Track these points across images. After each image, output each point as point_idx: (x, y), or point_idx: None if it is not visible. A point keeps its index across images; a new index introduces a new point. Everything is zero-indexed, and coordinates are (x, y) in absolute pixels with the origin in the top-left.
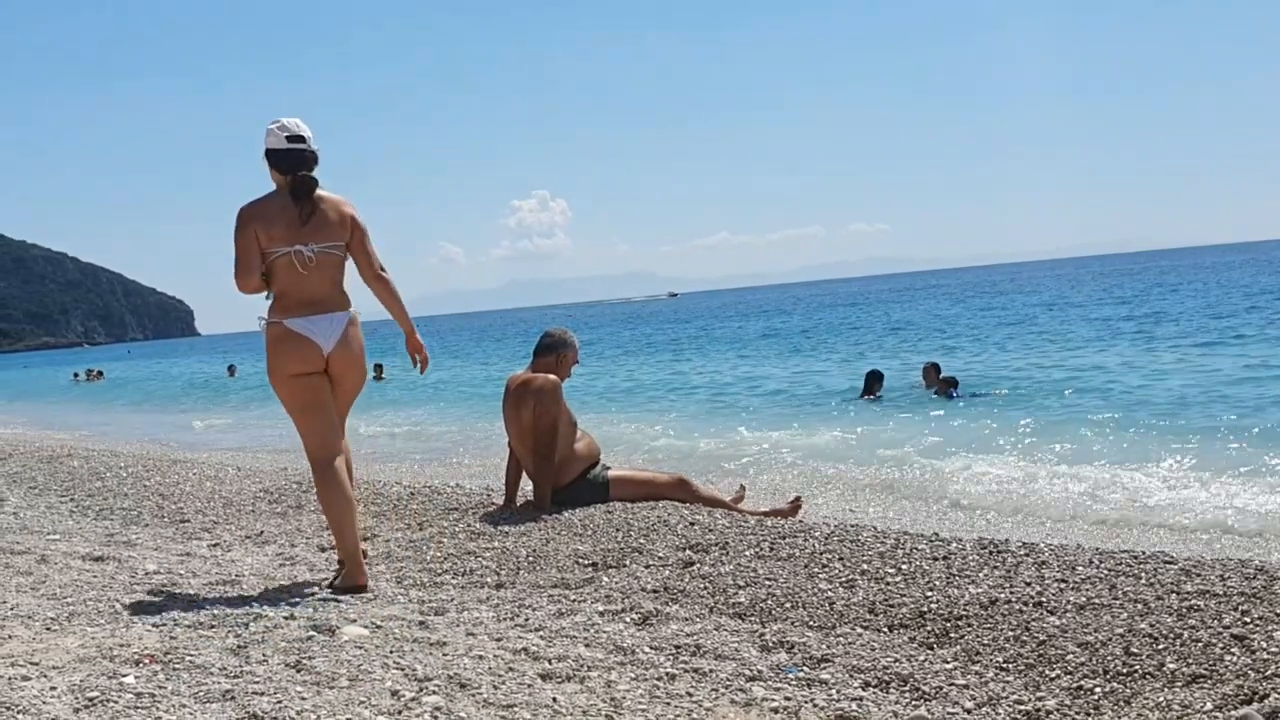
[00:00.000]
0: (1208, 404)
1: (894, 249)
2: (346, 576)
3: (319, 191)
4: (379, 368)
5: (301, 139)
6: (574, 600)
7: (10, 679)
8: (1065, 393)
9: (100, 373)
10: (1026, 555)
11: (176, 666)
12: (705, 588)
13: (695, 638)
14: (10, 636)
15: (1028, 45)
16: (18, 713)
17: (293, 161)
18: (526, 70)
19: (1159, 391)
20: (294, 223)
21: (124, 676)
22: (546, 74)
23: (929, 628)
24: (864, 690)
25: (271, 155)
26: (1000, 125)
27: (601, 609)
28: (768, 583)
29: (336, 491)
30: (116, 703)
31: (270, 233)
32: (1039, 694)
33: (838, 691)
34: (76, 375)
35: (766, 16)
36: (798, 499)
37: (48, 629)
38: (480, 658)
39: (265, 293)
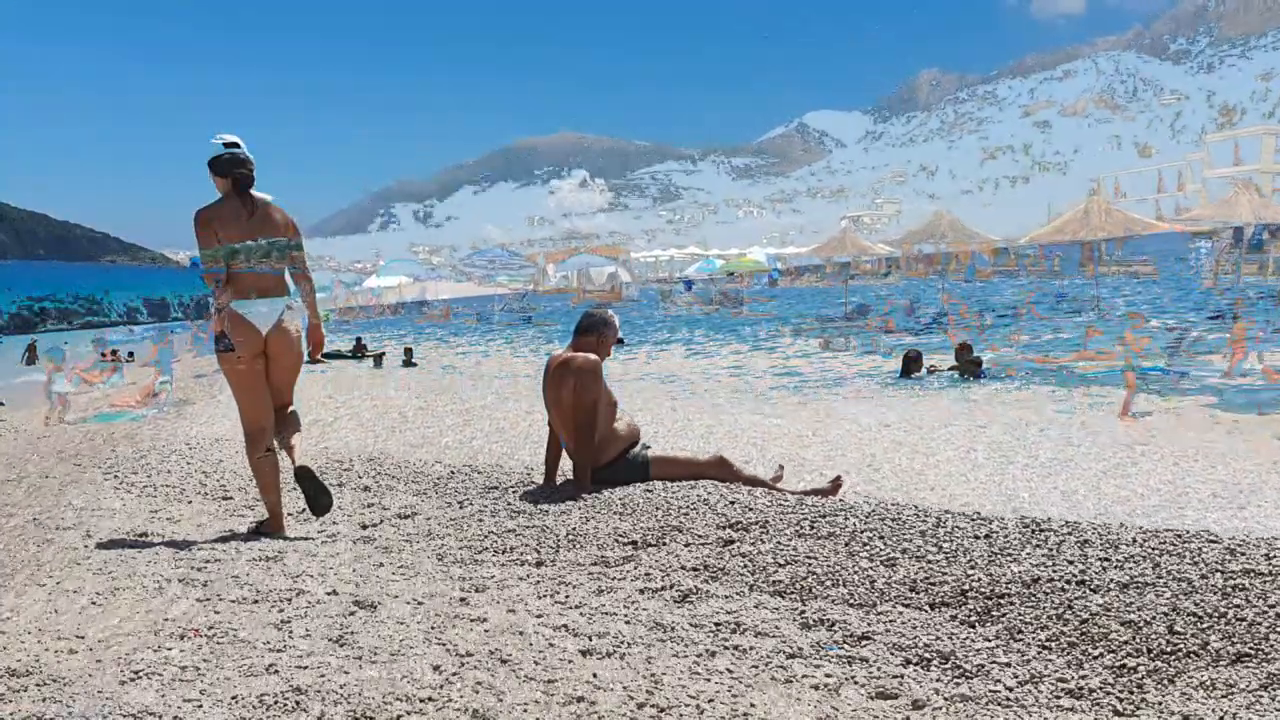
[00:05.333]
0: None
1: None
2: (268, 524)
3: (265, 197)
4: (409, 352)
5: (237, 144)
6: (614, 578)
7: (58, 652)
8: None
9: (131, 354)
10: (1069, 534)
11: (221, 640)
12: (745, 566)
13: (735, 615)
14: (57, 611)
15: None
16: (65, 685)
17: (231, 163)
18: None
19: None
20: (245, 222)
21: (169, 650)
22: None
23: (970, 606)
24: (905, 668)
25: (214, 163)
26: None
27: (641, 587)
28: (808, 561)
29: (265, 458)
30: (162, 675)
31: (226, 232)
32: (1082, 672)
33: (878, 669)
34: (104, 354)
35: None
36: (838, 478)
37: (94, 603)
38: (521, 634)
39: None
